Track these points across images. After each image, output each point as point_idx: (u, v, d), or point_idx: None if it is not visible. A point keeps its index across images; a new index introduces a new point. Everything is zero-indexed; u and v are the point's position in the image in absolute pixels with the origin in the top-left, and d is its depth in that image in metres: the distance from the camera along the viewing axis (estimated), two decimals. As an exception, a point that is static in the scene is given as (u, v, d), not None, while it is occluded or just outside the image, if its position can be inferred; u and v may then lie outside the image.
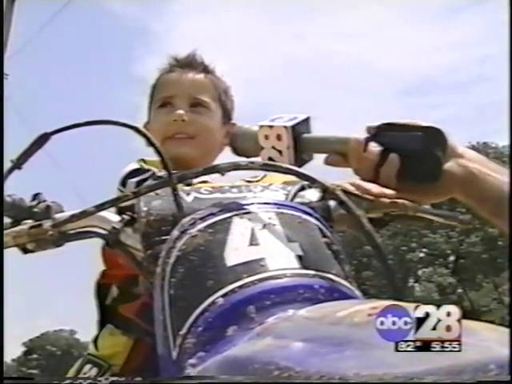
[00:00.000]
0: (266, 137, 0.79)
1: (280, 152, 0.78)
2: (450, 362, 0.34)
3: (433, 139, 0.74)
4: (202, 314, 0.52)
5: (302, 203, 0.68)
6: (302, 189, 0.72)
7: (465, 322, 0.40)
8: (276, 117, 0.82)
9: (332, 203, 0.72)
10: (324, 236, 0.60)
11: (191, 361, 0.50)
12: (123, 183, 1.12)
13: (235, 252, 0.55)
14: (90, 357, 1.09)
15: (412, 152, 0.74)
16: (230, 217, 0.59)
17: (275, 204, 0.62)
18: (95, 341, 1.11)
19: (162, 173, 0.85)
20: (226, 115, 1.33)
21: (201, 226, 0.59)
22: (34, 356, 34.63)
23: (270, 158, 0.79)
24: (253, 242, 0.56)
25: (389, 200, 0.71)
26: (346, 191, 0.63)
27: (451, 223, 0.77)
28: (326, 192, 0.61)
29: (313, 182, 0.62)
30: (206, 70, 1.33)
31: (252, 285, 0.52)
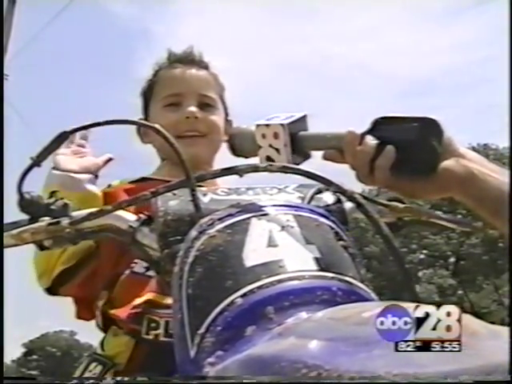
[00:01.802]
0: (263, 135, 0.79)
1: (277, 150, 0.79)
2: (482, 362, 0.35)
3: (428, 129, 0.74)
4: (221, 314, 0.53)
5: (319, 206, 0.69)
6: (319, 192, 0.73)
7: (490, 325, 0.41)
8: (273, 116, 0.82)
9: (347, 206, 0.73)
10: (340, 239, 0.61)
11: (210, 359, 0.50)
12: None
13: (254, 253, 0.56)
14: (95, 356, 1.11)
15: (407, 143, 0.74)
16: (248, 218, 0.60)
17: (293, 206, 0.62)
18: (102, 342, 1.14)
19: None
20: (226, 112, 1.33)
21: (219, 226, 0.60)
22: (34, 357, 34.52)
23: (268, 157, 0.79)
24: (271, 243, 0.57)
25: (403, 205, 0.72)
26: (362, 195, 0.63)
27: (464, 229, 0.77)
28: (344, 195, 0.62)
29: (330, 184, 0.62)
30: (206, 66, 1.32)
31: (271, 285, 0.53)
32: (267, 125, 0.79)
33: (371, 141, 0.75)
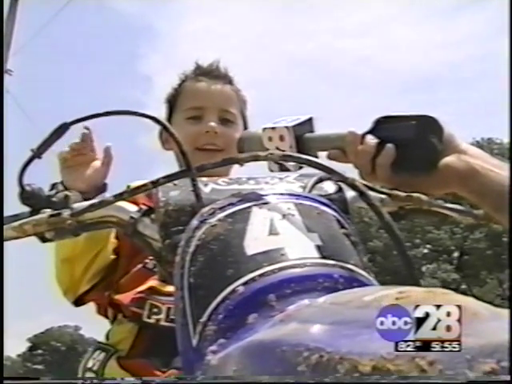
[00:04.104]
0: (270, 138, 0.82)
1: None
2: (483, 342, 0.35)
3: (427, 127, 0.75)
4: (223, 302, 0.53)
5: (320, 195, 0.69)
6: (320, 181, 0.73)
7: (491, 307, 0.41)
8: (279, 119, 0.84)
9: (349, 195, 0.73)
10: (342, 227, 0.61)
11: (212, 348, 0.50)
12: None
13: (255, 241, 0.56)
14: (99, 344, 1.17)
15: (408, 141, 0.76)
16: (249, 207, 0.60)
17: (294, 195, 0.62)
18: (107, 334, 1.19)
19: None
20: (245, 125, 1.36)
21: (220, 215, 0.60)
22: (39, 352, 34.72)
23: None
24: (272, 231, 0.57)
25: (404, 194, 0.72)
26: (363, 183, 0.63)
27: (465, 218, 0.77)
28: (345, 183, 0.62)
29: (332, 173, 0.62)
30: (230, 81, 1.35)
31: (272, 273, 0.53)
32: (273, 128, 0.82)
33: (372, 140, 0.77)
